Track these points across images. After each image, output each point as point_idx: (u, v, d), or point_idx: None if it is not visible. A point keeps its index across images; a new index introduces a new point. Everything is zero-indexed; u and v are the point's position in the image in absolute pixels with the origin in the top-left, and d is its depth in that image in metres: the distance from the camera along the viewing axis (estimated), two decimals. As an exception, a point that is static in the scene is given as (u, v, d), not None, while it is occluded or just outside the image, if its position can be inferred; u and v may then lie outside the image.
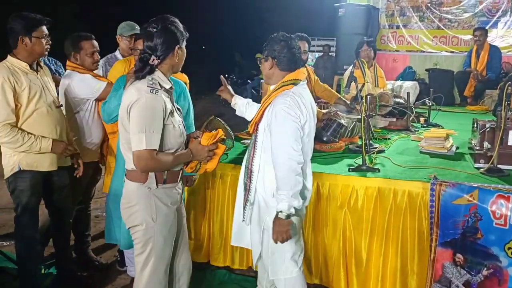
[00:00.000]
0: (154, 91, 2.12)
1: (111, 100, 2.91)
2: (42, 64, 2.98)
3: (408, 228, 2.86)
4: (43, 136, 2.80)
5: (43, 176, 2.92)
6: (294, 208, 2.32)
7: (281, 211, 2.29)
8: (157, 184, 2.21)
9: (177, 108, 2.36)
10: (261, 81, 8.38)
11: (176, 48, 2.21)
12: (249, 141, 3.71)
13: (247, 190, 2.53)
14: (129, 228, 2.28)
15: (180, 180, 2.36)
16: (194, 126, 3.15)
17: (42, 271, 3.30)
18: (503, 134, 2.93)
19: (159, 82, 2.17)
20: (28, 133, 2.77)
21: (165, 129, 2.17)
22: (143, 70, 2.15)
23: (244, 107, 2.90)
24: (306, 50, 4.04)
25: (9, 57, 2.83)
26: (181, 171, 2.34)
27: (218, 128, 3.39)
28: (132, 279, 2.80)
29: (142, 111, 2.09)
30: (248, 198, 2.53)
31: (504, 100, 2.93)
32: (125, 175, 2.30)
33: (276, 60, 2.45)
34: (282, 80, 2.44)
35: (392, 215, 2.88)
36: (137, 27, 3.78)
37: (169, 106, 2.21)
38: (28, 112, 2.79)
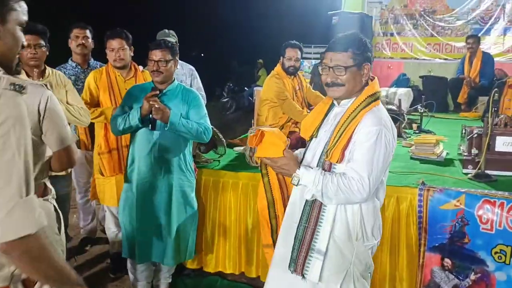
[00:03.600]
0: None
1: None
2: (50, 72, 3.03)
3: (397, 233, 2.89)
4: None
5: None
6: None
7: (302, 182, 1.92)
8: None
9: None
10: (255, 88, 8.40)
11: None
12: (242, 148, 3.76)
13: (310, 233, 1.96)
14: None
15: None
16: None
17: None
18: (490, 140, 2.97)
19: None
20: None
21: None
22: None
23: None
24: (299, 58, 4.10)
25: None
26: None
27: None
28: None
29: None
30: (314, 247, 1.95)
31: (491, 106, 2.98)
32: None
33: (370, 67, 1.96)
34: (367, 93, 1.94)
35: (382, 221, 2.90)
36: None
37: None
38: None
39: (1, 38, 1.35)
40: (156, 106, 2.69)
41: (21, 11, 1.41)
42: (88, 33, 3.83)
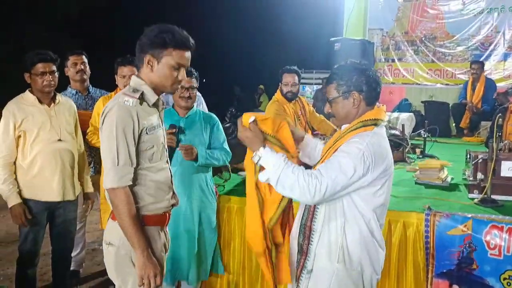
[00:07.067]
0: None
1: None
2: (60, 98, 3.06)
3: (404, 259, 2.86)
4: (18, 192, 2.87)
5: (47, 207, 2.97)
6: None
7: (261, 162, 1.93)
8: None
9: None
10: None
11: None
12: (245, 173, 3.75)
13: (303, 253, 2.04)
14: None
15: None
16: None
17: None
18: (495, 165, 2.96)
19: None
20: (14, 180, 2.86)
21: None
22: None
23: (314, 147, 2.30)
24: (296, 83, 4.14)
25: (27, 91, 2.97)
26: None
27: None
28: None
29: None
30: (305, 265, 2.03)
31: (495, 131, 2.98)
32: None
33: (363, 94, 2.00)
34: (360, 119, 2.00)
35: (388, 246, 2.88)
36: None
37: None
38: (36, 143, 2.89)
39: None
40: (184, 150, 2.82)
41: None
42: (84, 58, 3.86)
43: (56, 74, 2.97)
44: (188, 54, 2.00)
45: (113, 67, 3.45)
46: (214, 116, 3.15)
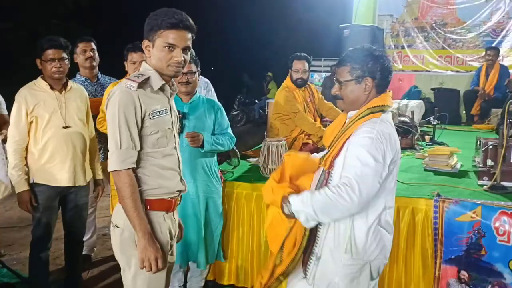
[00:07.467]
0: None
1: None
2: (72, 85, 3.09)
3: (412, 245, 2.87)
4: (27, 179, 2.90)
5: (59, 192, 3.01)
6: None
7: (293, 208, 1.95)
8: None
9: None
10: (267, 101, 8.43)
11: None
12: (255, 159, 3.77)
13: (313, 239, 2.06)
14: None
15: None
16: None
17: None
18: (505, 152, 2.95)
19: None
20: (24, 166, 2.89)
21: None
22: None
23: None
24: (306, 70, 4.12)
25: (39, 77, 3.00)
26: None
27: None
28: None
29: None
30: (314, 251, 2.04)
31: (506, 118, 2.96)
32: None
33: (376, 81, 1.99)
34: (368, 105, 1.99)
35: (396, 232, 2.89)
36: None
37: None
38: (48, 128, 2.92)
39: None
40: (191, 137, 2.84)
41: None
42: (93, 45, 3.88)
43: (67, 61, 2.99)
44: (182, 34, 1.95)
45: (115, 63, 3.46)
46: (217, 102, 3.16)
